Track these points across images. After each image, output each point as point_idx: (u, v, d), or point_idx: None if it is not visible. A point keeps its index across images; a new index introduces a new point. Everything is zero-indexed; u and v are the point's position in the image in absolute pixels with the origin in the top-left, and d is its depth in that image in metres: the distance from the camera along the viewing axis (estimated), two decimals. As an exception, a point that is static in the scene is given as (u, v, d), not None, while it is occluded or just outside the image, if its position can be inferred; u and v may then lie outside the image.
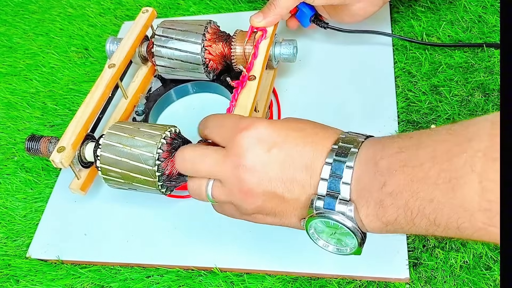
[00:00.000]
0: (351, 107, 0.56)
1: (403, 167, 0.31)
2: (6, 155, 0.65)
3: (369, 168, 0.33)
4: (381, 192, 0.32)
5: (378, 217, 0.33)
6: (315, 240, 0.38)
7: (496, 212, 0.27)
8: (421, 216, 0.30)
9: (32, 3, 0.86)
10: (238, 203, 0.38)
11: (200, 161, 0.39)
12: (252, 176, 0.36)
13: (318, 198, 0.34)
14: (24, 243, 0.56)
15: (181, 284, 0.49)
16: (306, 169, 0.35)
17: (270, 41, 0.54)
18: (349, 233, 0.34)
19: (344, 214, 0.33)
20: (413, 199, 0.30)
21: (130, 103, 0.60)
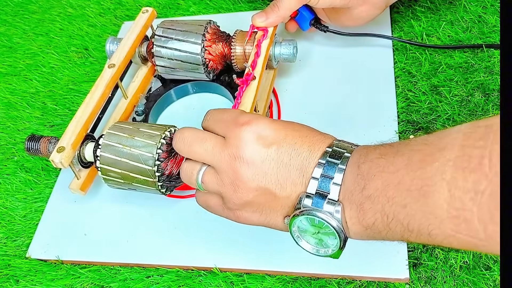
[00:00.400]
0: (351, 107, 0.56)
1: (381, 173, 0.32)
2: (6, 155, 0.65)
3: (353, 171, 0.34)
4: (361, 195, 0.33)
5: (359, 220, 0.34)
6: (296, 239, 0.38)
7: (463, 220, 0.28)
8: (396, 221, 0.31)
9: (32, 3, 0.86)
10: (227, 195, 0.38)
11: (198, 144, 0.39)
12: (248, 169, 0.36)
13: (307, 196, 0.35)
14: (24, 243, 0.56)
15: (181, 284, 0.49)
16: (300, 168, 0.36)
17: (270, 41, 0.54)
18: (333, 233, 0.35)
19: (332, 214, 0.34)
20: (389, 204, 0.31)
21: (130, 103, 0.60)
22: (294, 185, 0.36)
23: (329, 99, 0.58)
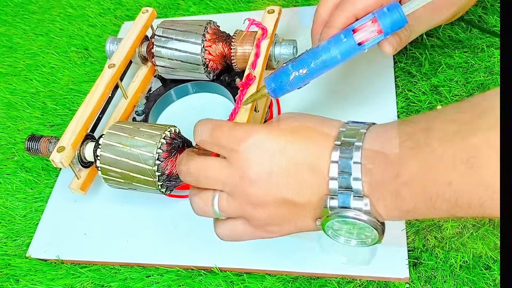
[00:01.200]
0: (351, 107, 0.56)
1: (415, 155, 0.30)
2: (6, 155, 0.65)
3: (379, 160, 0.32)
4: (396, 183, 0.31)
5: (396, 207, 0.32)
6: (335, 239, 0.37)
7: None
8: (441, 200, 0.30)
9: (32, 3, 0.86)
10: (249, 215, 0.37)
11: (203, 175, 0.38)
12: (259, 187, 0.35)
13: (331, 197, 0.34)
14: (24, 243, 0.56)
15: (181, 284, 0.49)
16: (312, 170, 0.35)
17: (270, 41, 0.54)
18: (368, 226, 0.34)
19: (361, 209, 0.33)
20: (431, 185, 0.30)
21: (130, 103, 0.60)
22: (311, 188, 0.35)
23: (329, 99, 0.58)
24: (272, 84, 0.43)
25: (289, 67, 0.42)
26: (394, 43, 0.43)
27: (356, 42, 0.39)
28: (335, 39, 0.40)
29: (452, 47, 0.58)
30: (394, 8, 0.38)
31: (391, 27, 0.38)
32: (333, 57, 0.40)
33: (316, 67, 0.41)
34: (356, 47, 0.40)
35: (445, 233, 0.46)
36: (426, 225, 0.47)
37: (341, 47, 0.40)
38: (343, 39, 0.40)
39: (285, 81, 0.42)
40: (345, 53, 0.40)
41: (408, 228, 0.47)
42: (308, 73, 0.41)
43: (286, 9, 0.69)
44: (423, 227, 0.47)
